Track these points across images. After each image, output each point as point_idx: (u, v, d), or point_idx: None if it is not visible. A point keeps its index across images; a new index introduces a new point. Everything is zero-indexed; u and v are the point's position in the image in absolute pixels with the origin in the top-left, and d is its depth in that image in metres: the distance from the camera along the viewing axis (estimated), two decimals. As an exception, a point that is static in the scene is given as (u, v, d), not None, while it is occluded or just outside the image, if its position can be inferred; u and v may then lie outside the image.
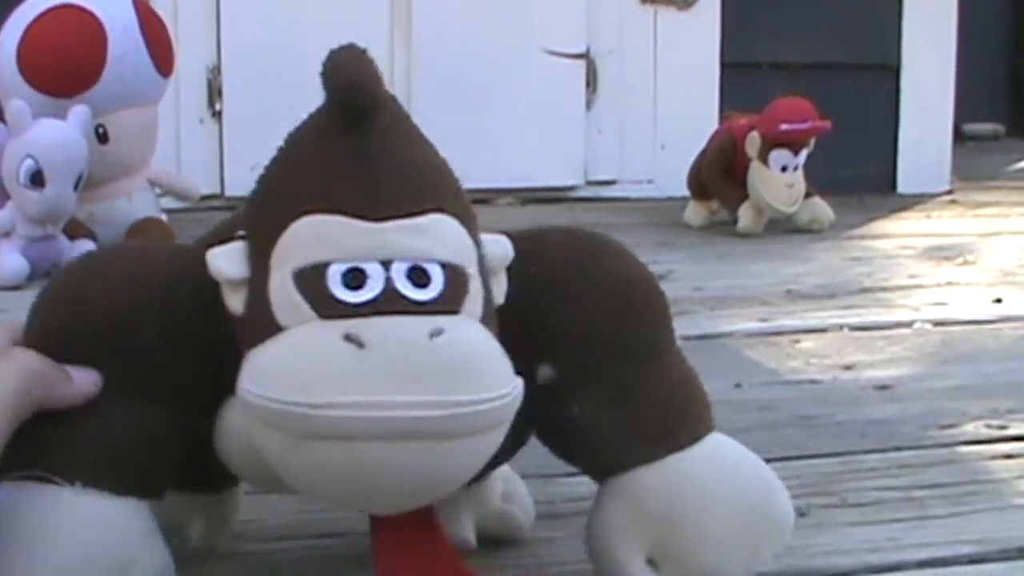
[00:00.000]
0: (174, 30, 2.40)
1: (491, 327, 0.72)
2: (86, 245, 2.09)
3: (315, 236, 0.70)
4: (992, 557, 0.92)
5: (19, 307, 1.77)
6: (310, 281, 0.69)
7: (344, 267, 0.69)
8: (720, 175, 2.59)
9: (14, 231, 2.02)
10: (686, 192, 2.72)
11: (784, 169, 2.50)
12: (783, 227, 2.58)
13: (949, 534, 0.96)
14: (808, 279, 2.09)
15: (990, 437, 1.21)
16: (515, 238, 0.78)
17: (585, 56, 3.05)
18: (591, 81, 3.06)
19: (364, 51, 0.71)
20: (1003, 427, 1.24)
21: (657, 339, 0.82)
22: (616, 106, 3.09)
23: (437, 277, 0.70)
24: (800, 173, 2.52)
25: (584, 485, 0.85)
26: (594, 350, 0.80)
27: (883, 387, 1.40)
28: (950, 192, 3.22)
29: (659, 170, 3.08)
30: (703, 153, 2.66)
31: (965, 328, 1.72)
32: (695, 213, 2.68)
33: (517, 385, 0.70)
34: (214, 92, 2.85)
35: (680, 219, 2.70)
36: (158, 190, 2.33)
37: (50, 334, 0.76)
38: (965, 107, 3.54)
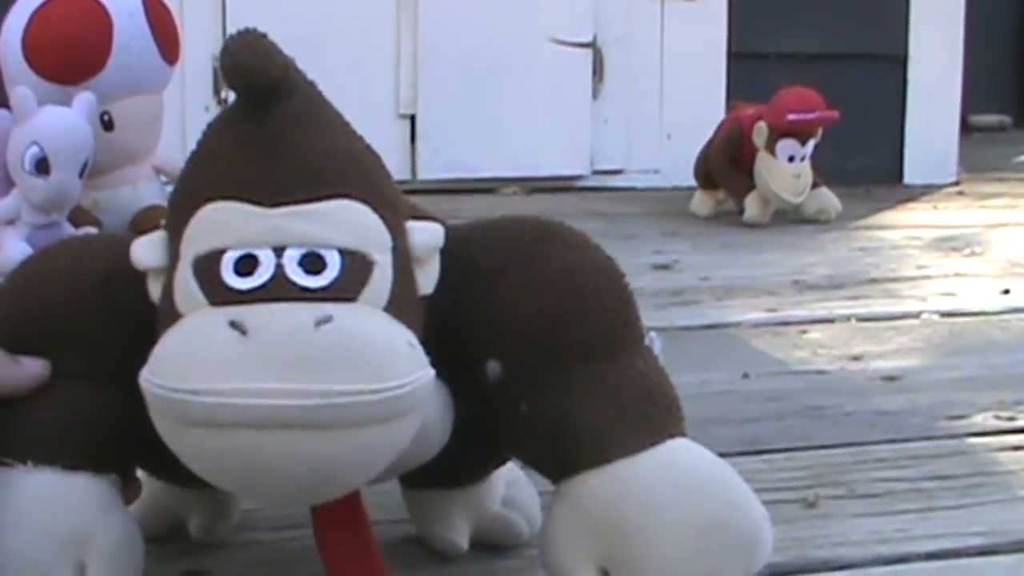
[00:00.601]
0: (180, 18, 2.38)
1: (406, 316, 0.70)
2: (90, 233, 2.09)
3: (213, 223, 0.70)
4: (1001, 549, 0.92)
5: (24, 294, 1.78)
6: (206, 268, 0.69)
7: (237, 254, 0.69)
8: (727, 165, 2.58)
9: (19, 218, 2.01)
10: (692, 182, 2.71)
11: (791, 159, 2.49)
12: (790, 217, 2.58)
13: (958, 525, 0.96)
14: (815, 269, 2.08)
15: (999, 428, 1.20)
16: (472, 228, 0.78)
17: (592, 45, 3.04)
18: (598, 70, 3.06)
19: (262, 35, 0.71)
20: (1012, 419, 1.23)
21: (610, 336, 0.78)
22: (623, 95, 3.08)
23: (333, 263, 0.69)
24: (807, 163, 2.52)
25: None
26: (540, 346, 0.77)
27: (891, 378, 1.40)
28: (957, 183, 3.21)
29: (665, 160, 3.07)
30: (710, 143, 2.65)
31: (973, 319, 1.72)
32: (702, 203, 2.67)
33: (421, 378, 0.68)
34: (220, 80, 2.84)
35: (686, 209, 2.69)
36: (163, 178, 2.33)
37: (1, 329, 0.78)
38: (972, 98, 3.53)
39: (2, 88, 2.15)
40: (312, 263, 0.69)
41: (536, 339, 0.77)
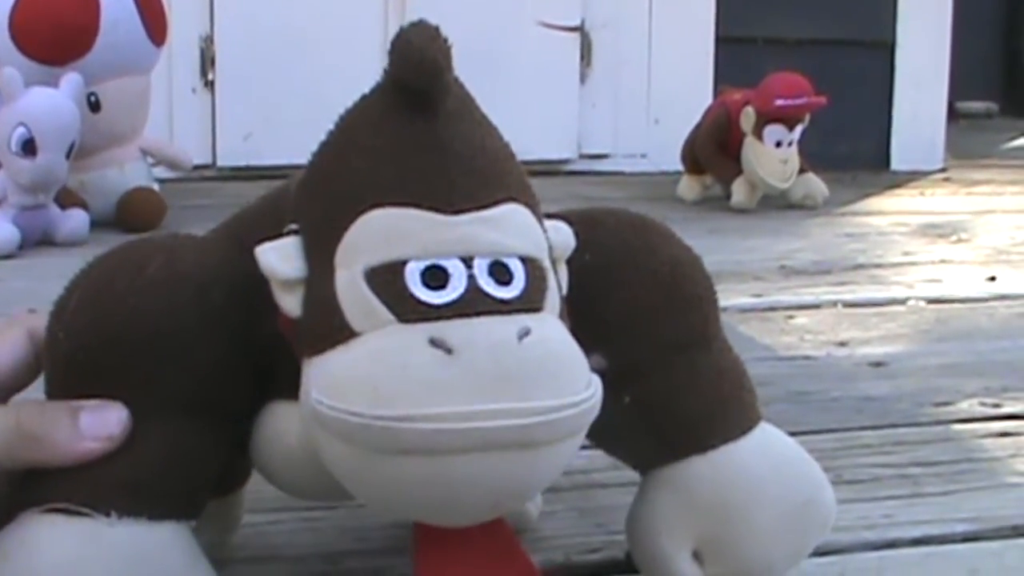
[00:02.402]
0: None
1: (565, 321, 0.68)
2: (78, 214, 2.09)
3: (388, 231, 0.64)
4: (986, 535, 0.92)
5: (10, 276, 1.79)
6: (386, 281, 0.62)
7: (423, 265, 0.63)
8: (714, 150, 2.59)
9: (5, 200, 2.01)
10: (680, 167, 2.72)
11: (778, 144, 2.50)
12: (777, 203, 2.58)
13: (944, 512, 0.96)
14: (802, 255, 2.08)
15: (985, 415, 1.21)
16: (567, 221, 0.73)
17: (580, 29, 3.04)
18: (585, 54, 3.06)
19: (437, 28, 0.65)
20: (997, 405, 1.23)
21: (706, 326, 0.78)
22: (610, 80, 3.08)
23: (518, 273, 0.65)
24: (794, 149, 2.52)
25: (580, 458, 0.84)
26: (645, 338, 0.76)
27: (877, 364, 1.40)
28: (944, 170, 3.21)
29: (653, 144, 3.08)
30: (697, 127, 2.66)
31: (959, 306, 1.72)
32: (689, 188, 2.67)
33: (597, 384, 0.66)
34: (207, 62, 2.84)
35: (673, 194, 2.69)
36: (150, 160, 2.32)
37: (81, 350, 0.69)
38: (959, 85, 3.53)
39: (-11, 70, 2.14)
40: (500, 273, 0.64)
41: (642, 332, 0.76)
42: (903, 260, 2.06)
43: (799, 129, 2.51)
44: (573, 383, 0.64)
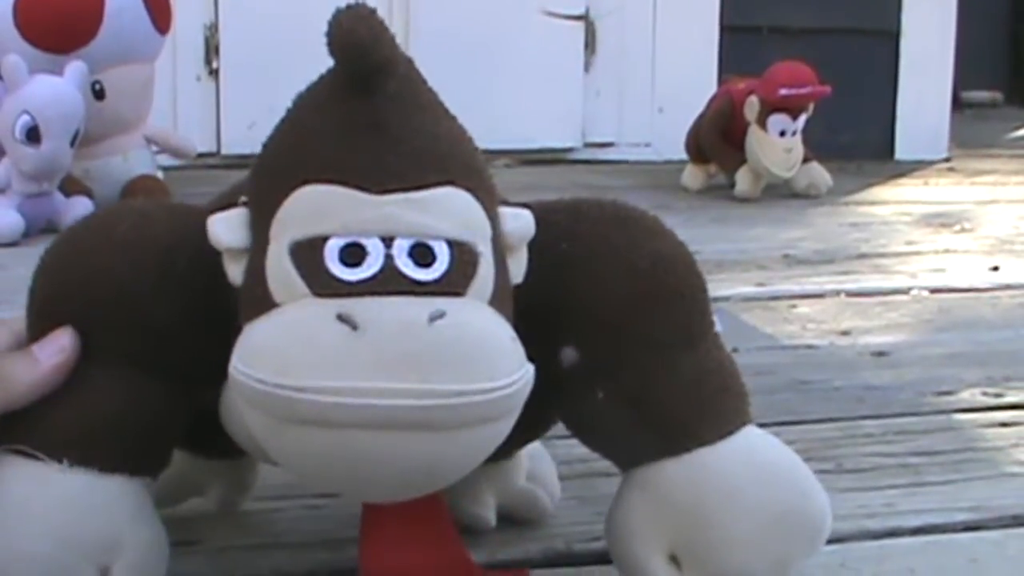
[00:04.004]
0: (172, -13, 2.39)
1: (503, 309, 0.68)
2: (82, 202, 2.09)
3: (315, 207, 0.66)
4: (987, 524, 0.92)
5: (15, 263, 1.79)
6: (306, 255, 0.64)
7: (343, 242, 0.65)
8: (718, 139, 2.58)
9: (9, 187, 2.02)
10: (684, 155, 2.71)
11: (783, 134, 2.49)
12: (780, 192, 2.58)
13: (945, 501, 0.96)
14: (805, 244, 2.08)
15: (986, 405, 1.21)
16: (547, 210, 0.74)
17: (584, 18, 3.04)
18: (590, 43, 3.06)
19: (372, 11, 0.66)
20: (999, 395, 1.24)
21: (689, 324, 0.76)
22: (615, 68, 3.08)
23: (443, 256, 0.65)
24: (798, 138, 2.52)
25: (581, 446, 0.85)
26: (620, 334, 0.75)
27: (880, 353, 1.40)
28: (948, 159, 3.21)
29: (657, 133, 3.08)
30: (701, 117, 2.66)
31: (962, 296, 1.72)
32: (693, 176, 2.67)
33: (525, 374, 0.66)
34: (211, 50, 2.84)
35: (677, 182, 2.69)
36: (154, 148, 2.33)
37: (47, 301, 0.72)
38: (963, 74, 3.53)
39: (-7, 57, 2.14)
40: (422, 255, 0.65)
41: (617, 327, 0.75)
42: (906, 249, 2.06)
43: (803, 118, 2.51)
44: (486, 370, 0.64)
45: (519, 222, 0.72)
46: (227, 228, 0.68)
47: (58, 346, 0.71)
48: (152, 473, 0.74)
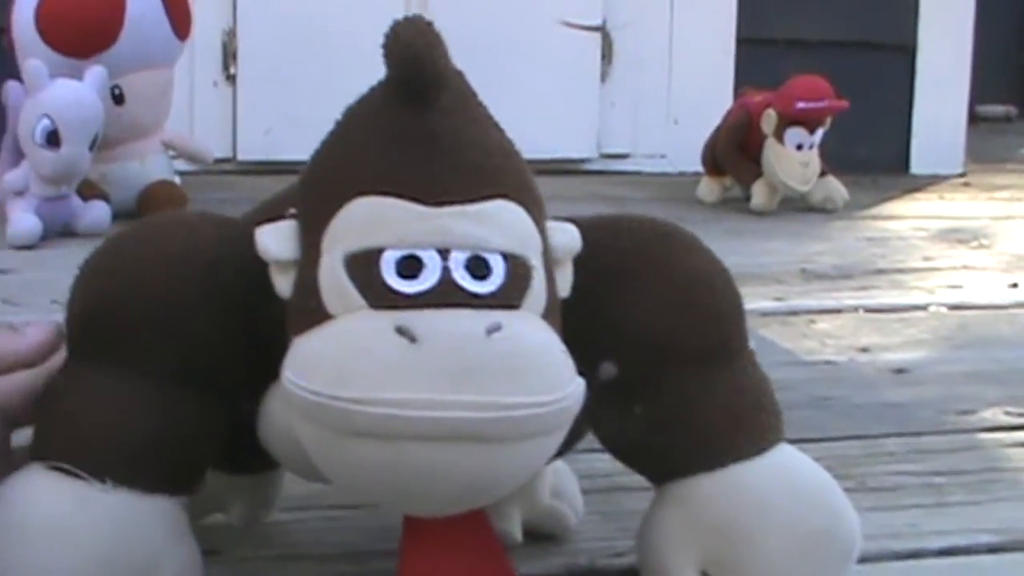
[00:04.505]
0: (190, -7, 2.38)
1: (553, 323, 0.68)
2: (99, 206, 2.09)
3: (369, 219, 0.66)
4: (1012, 547, 0.92)
5: (31, 266, 1.79)
6: (362, 267, 0.65)
7: (399, 254, 0.65)
8: (734, 151, 2.58)
9: (28, 190, 2.01)
10: (699, 168, 2.70)
11: (799, 147, 2.49)
12: (796, 205, 2.57)
13: (969, 522, 0.95)
14: (822, 259, 2.08)
15: (1009, 424, 1.20)
16: (589, 226, 0.74)
17: (601, 29, 3.03)
18: (606, 53, 3.05)
19: (429, 24, 0.67)
20: (1023, 414, 1.23)
21: (726, 341, 0.77)
22: (631, 79, 3.07)
23: (498, 268, 0.65)
24: (815, 152, 2.51)
25: (603, 461, 0.84)
26: (659, 349, 0.75)
27: (899, 370, 1.40)
28: (963, 174, 3.20)
29: (672, 145, 3.07)
30: (718, 129, 2.64)
31: (981, 312, 1.71)
32: (708, 189, 2.66)
33: (577, 388, 0.66)
34: (229, 55, 2.83)
35: (693, 195, 2.68)
36: (171, 153, 2.32)
37: (88, 311, 0.72)
38: (979, 89, 3.52)
39: (14, 61, 2.15)
40: (478, 267, 0.65)
41: (656, 342, 0.75)
42: (924, 265, 2.05)
43: (820, 132, 2.50)
44: (542, 383, 0.64)
45: (566, 237, 0.72)
46: (276, 240, 0.68)
47: (43, 327, 0.72)
48: (189, 491, 0.74)
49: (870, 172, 3.06)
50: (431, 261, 0.65)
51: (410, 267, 0.65)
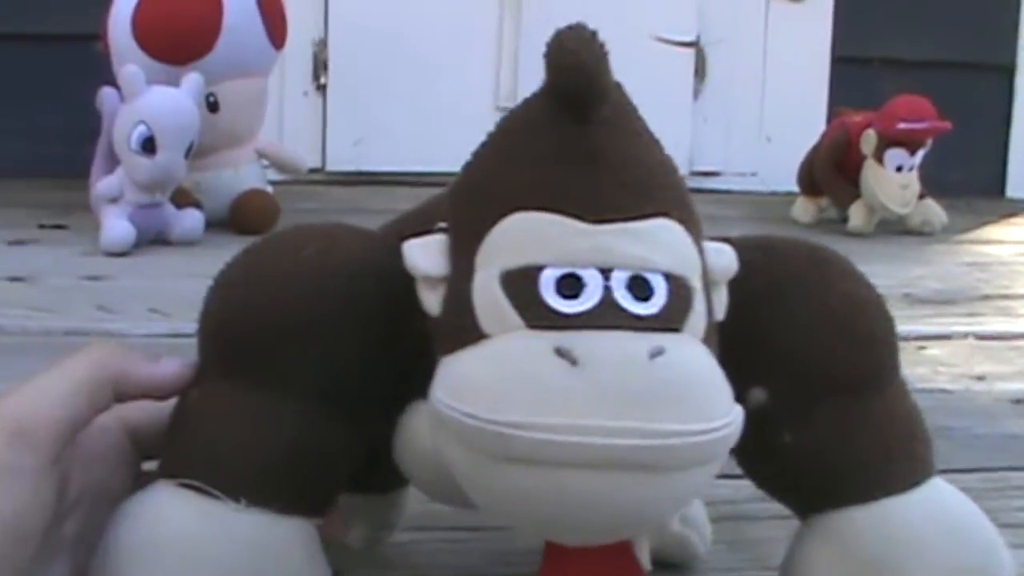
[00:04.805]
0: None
1: (712, 346, 0.65)
2: (192, 214, 2.09)
3: (528, 235, 0.63)
4: None
5: (123, 274, 1.79)
6: (520, 285, 0.62)
7: (559, 272, 0.62)
8: (832, 172, 2.54)
9: (122, 197, 2.01)
10: (790, 187, 2.68)
11: (899, 169, 2.45)
12: (893, 227, 2.53)
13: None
14: (925, 283, 2.03)
15: None
16: (740, 247, 0.71)
17: (695, 45, 3.01)
18: (700, 70, 3.03)
19: (593, 33, 0.64)
20: None
21: (880, 368, 0.74)
22: (723, 96, 3.05)
23: (660, 289, 0.62)
24: (915, 174, 2.47)
25: (727, 488, 0.82)
26: (812, 376, 0.72)
27: (1019, 401, 1.36)
28: (1061, 199, 3.15)
29: (764, 163, 3.04)
30: (815, 149, 2.61)
31: (1095, 342, 1.67)
32: (804, 209, 2.63)
33: (737, 416, 0.63)
34: (319, 65, 2.83)
35: (785, 214, 2.65)
36: (264, 162, 2.31)
37: (225, 323, 0.69)
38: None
39: (109, 67, 2.14)
40: (639, 288, 0.62)
41: (810, 369, 0.73)
42: (1031, 292, 2.01)
43: (921, 154, 2.46)
44: (705, 410, 0.61)
45: (723, 258, 0.69)
46: (425, 254, 0.66)
47: (183, 362, 0.70)
48: (323, 513, 0.71)
49: (964, 195, 3.01)
50: (592, 280, 0.62)
51: (570, 286, 0.62)
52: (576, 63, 0.63)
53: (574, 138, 0.64)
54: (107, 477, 0.69)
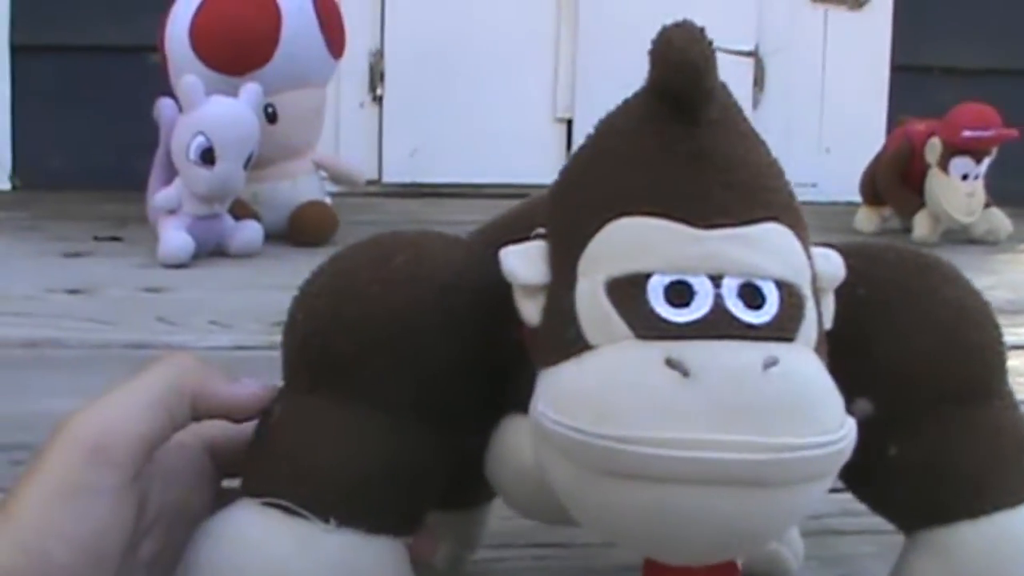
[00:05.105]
0: (338, 12, 2.36)
1: (822, 356, 0.62)
2: (251, 226, 2.07)
3: (635, 241, 0.60)
4: None
5: (182, 286, 1.77)
6: (626, 293, 0.59)
7: (668, 279, 0.59)
8: (896, 181, 2.51)
9: (180, 208, 1.99)
10: (850, 197, 2.65)
11: (965, 177, 2.42)
12: (957, 237, 2.49)
13: None
14: (995, 293, 1.99)
15: None
16: (842, 253, 0.68)
17: (754, 54, 2.99)
18: (758, 80, 3.00)
19: (701, 30, 0.61)
20: None
21: (988, 378, 0.72)
22: (782, 106, 3.02)
23: (771, 297, 0.60)
24: (980, 182, 2.44)
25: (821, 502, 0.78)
26: (920, 386, 0.70)
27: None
28: None
29: (823, 174, 3.00)
30: (878, 158, 2.59)
31: None
32: (867, 219, 2.60)
33: (850, 428, 0.60)
34: (376, 76, 2.82)
35: (846, 225, 2.62)
36: (323, 173, 2.30)
37: (313, 335, 0.67)
38: None
39: (166, 78, 2.13)
40: (751, 296, 0.59)
41: (918, 379, 0.70)
42: (1104, 303, 1.97)
43: (986, 162, 2.43)
44: (820, 422, 0.58)
45: (830, 264, 0.66)
46: (524, 262, 0.63)
47: (264, 385, 0.68)
48: (413, 532, 0.68)
49: (1025, 204, 2.97)
50: (702, 288, 0.59)
51: (680, 294, 0.59)
52: (683, 60, 0.60)
53: (680, 139, 0.62)
54: (186, 495, 0.67)
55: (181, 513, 0.66)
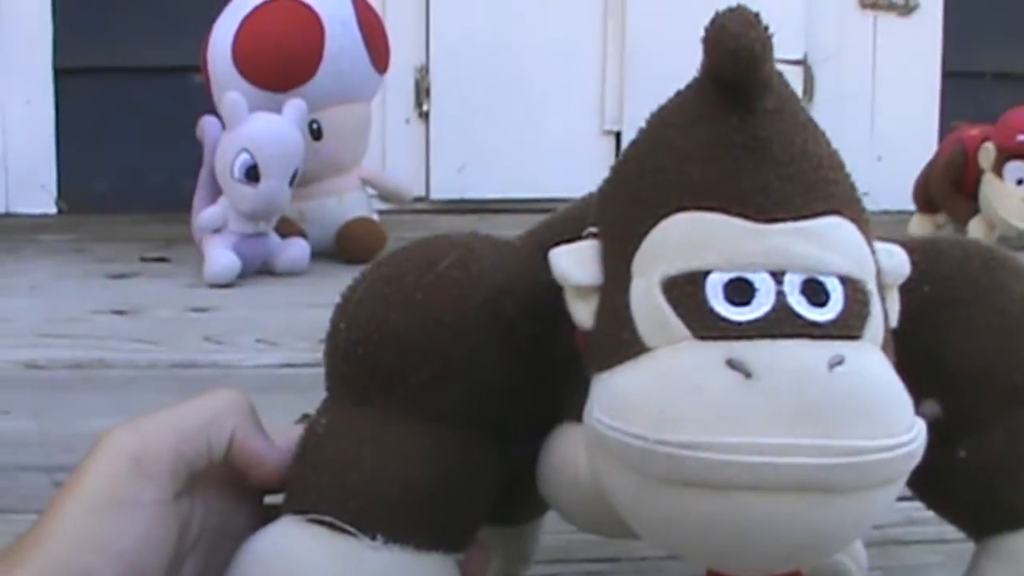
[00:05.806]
0: (383, 28, 2.35)
1: (889, 355, 0.60)
2: (298, 244, 2.06)
3: (691, 237, 0.58)
4: None
5: (228, 305, 1.75)
6: (684, 292, 0.57)
7: (727, 277, 0.57)
8: (949, 187, 2.48)
9: (226, 227, 1.98)
10: (903, 206, 2.62)
11: (1020, 182, 2.38)
12: (1013, 243, 2.45)
13: None
14: (1055, 299, 1.96)
15: None
16: (907, 248, 0.66)
17: (802, 62, 2.96)
18: (808, 88, 2.97)
19: (756, 15, 0.58)
20: None
21: None
22: (832, 114, 2.98)
23: (836, 293, 0.57)
24: (1036, 187, 2.40)
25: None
26: (990, 386, 0.68)
27: None
28: None
29: (875, 182, 2.94)
30: (931, 165, 2.56)
31: None
32: (921, 226, 2.57)
33: (920, 430, 0.58)
34: (422, 92, 2.81)
35: (898, 233, 2.55)
36: (370, 190, 2.28)
37: (358, 344, 0.64)
38: None
39: (208, 98, 2.12)
40: (814, 292, 0.57)
41: (988, 379, 0.68)
42: None
43: (1042, 166, 2.39)
44: (890, 424, 0.56)
45: (894, 260, 0.64)
46: (576, 263, 0.61)
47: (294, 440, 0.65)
48: (464, 548, 0.66)
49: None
50: (763, 285, 0.57)
51: (740, 292, 0.57)
52: (738, 47, 0.57)
53: (736, 129, 0.59)
54: (228, 513, 0.65)
55: (224, 531, 0.64)
